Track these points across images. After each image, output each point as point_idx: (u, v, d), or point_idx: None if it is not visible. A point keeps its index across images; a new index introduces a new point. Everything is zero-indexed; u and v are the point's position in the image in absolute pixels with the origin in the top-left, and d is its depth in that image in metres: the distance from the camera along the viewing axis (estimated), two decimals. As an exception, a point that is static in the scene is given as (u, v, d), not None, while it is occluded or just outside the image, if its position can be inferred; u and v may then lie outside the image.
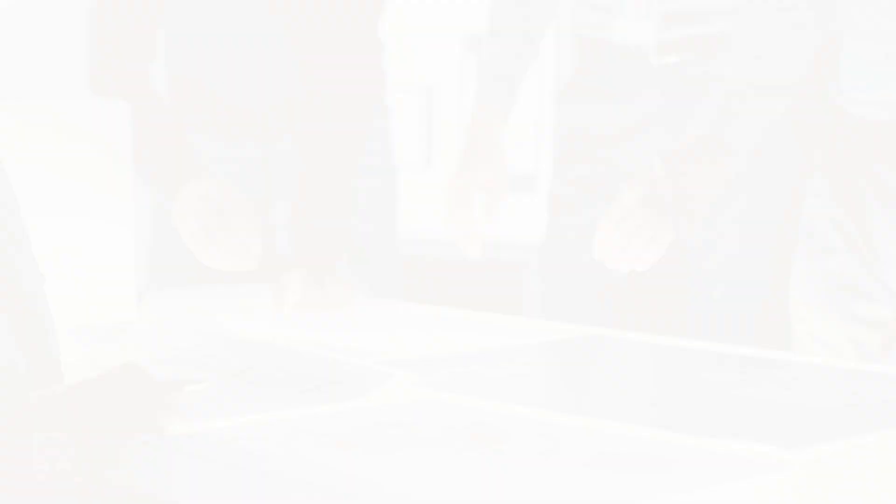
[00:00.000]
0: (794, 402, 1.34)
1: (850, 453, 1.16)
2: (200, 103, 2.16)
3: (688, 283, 2.09)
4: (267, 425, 1.26)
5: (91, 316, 1.80)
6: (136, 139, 1.97)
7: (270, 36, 2.27)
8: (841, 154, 1.72)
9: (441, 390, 1.42)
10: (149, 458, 1.19)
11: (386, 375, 1.41)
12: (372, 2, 2.24)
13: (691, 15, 2.03)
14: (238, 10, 2.25)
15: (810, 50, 1.76)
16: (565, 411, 1.31)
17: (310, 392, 1.40)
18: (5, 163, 1.33)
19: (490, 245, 2.06)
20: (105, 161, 1.84)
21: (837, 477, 1.10)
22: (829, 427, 1.23)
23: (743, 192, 2.06)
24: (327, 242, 2.10)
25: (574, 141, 2.17)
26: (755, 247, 2.06)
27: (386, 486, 1.05)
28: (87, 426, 1.16)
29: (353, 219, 2.29)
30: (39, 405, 1.16)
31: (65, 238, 1.80)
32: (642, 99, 2.19)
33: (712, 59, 2.00)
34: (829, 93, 1.75)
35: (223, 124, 2.20)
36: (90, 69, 2.13)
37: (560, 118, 2.21)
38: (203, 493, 1.15)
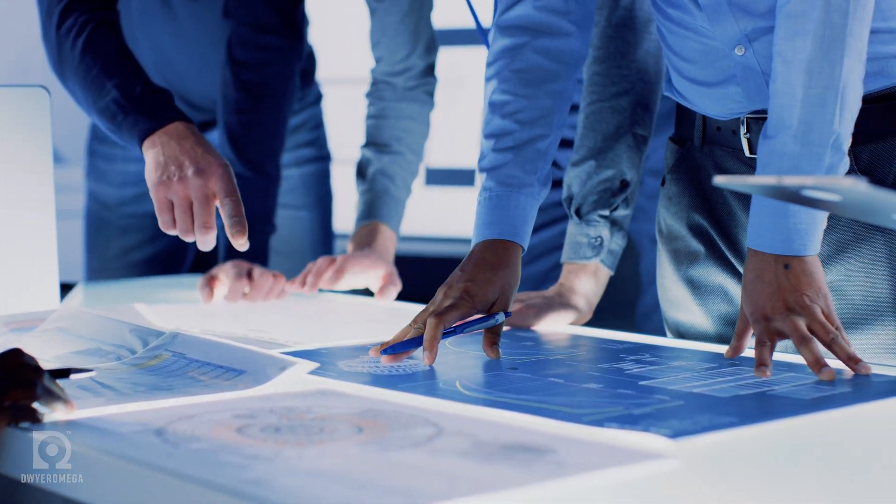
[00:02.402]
0: (687, 391, 1.33)
1: (737, 443, 1.15)
2: None
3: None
4: (157, 412, 1.24)
5: (13, 306, 1.79)
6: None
7: (197, 25, 2.26)
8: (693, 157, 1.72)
9: (340, 378, 1.42)
10: (28, 444, 1.17)
11: (287, 363, 1.40)
12: None
13: None
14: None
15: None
16: (456, 400, 1.30)
17: (211, 380, 1.38)
18: None
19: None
20: (27, 150, 1.82)
21: (722, 466, 1.08)
22: (718, 417, 1.22)
23: None
24: (255, 233, 2.09)
25: None
26: None
27: (269, 470, 1.04)
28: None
29: (279, 209, 2.29)
30: None
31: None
32: None
33: None
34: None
35: None
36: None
37: None
38: (84, 481, 1.13)
